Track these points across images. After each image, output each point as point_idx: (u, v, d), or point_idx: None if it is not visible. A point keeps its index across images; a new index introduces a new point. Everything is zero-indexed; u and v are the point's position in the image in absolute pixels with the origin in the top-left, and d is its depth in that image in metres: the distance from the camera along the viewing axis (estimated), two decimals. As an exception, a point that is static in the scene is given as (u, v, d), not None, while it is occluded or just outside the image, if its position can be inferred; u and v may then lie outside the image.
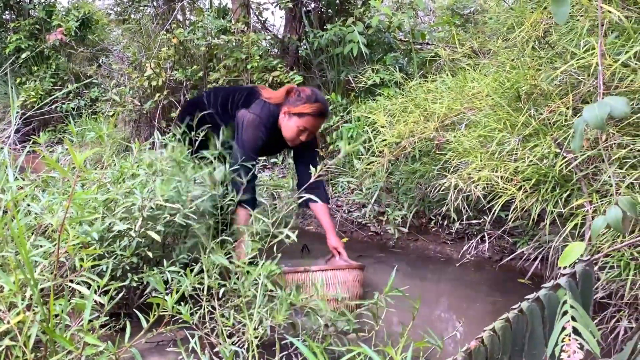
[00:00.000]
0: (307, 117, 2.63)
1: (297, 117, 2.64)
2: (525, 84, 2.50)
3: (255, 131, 2.66)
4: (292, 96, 2.69)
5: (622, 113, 0.94)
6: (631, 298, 1.77)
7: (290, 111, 2.66)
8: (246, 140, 2.65)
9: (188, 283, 1.85)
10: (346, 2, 5.19)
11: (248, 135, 2.66)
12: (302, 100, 2.65)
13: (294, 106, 2.65)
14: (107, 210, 2.12)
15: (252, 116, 2.69)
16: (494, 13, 3.77)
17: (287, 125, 2.69)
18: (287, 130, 2.69)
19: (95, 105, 6.34)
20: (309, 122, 2.65)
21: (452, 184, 2.49)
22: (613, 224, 1.15)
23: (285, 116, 2.69)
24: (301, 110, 2.63)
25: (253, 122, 2.68)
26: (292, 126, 2.66)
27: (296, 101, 2.66)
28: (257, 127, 2.66)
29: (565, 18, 1.02)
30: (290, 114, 2.66)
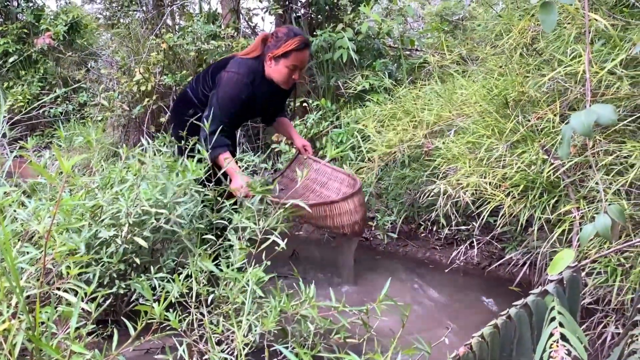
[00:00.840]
0: (293, 54, 2.58)
1: (284, 58, 2.59)
2: (513, 90, 2.52)
3: (233, 89, 2.58)
4: (271, 41, 2.63)
5: (608, 121, 0.95)
6: (618, 304, 1.78)
7: (275, 54, 2.60)
8: (221, 99, 2.57)
9: (176, 290, 1.84)
10: (336, 8, 5.20)
11: (225, 93, 2.58)
12: (282, 39, 2.59)
13: (276, 49, 2.59)
14: (94, 217, 2.10)
15: (229, 74, 2.61)
16: (483, 20, 3.81)
17: (276, 70, 2.63)
18: (278, 74, 2.63)
19: (83, 110, 6.30)
20: (297, 57, 2.60)
21: (441, 190, 2.50)
22: (602, 231, 1.16)
23: (271, 62, 2.63)
24: (285, 49, 2.57)
25: (230, 79, 2.60)
26: (282, 68, 2.61)
27: (277, 43, 2.60)
28: (235, 84, 2.59)
29: (553, 26, 1.03)
30: (275, 58, 2.61)
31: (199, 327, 1.92)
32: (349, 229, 2.61)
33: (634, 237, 1.85)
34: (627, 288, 1.73)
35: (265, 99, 2.73)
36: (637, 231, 1.86)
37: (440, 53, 4.10)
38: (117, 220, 2.09)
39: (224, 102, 2.57)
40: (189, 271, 1.97)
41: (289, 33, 2.60)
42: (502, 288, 2.79)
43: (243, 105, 2.62)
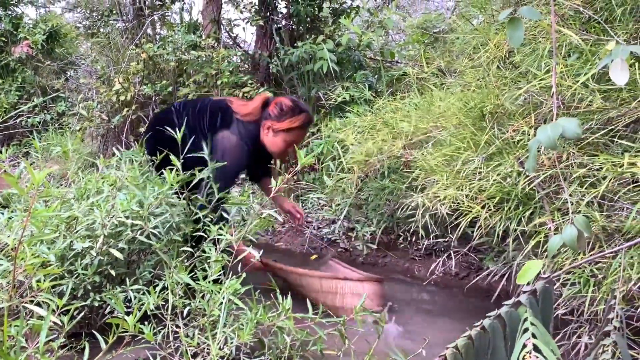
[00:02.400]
0: (295, 131, 2.50)
1: (285, 133, 2.49)
2: (490, 103, 2.55)
3: (239, 157, 2.49)
4: (273, 110, 2.51)
5: (573, 134, 0.97)
6: (591, 314, 1.80)
7: (276, 128, 2.50)
8: (230, 167, 2.43)
9: (151, 302, 1.82)
10: (317, 20, 5.24)
11: (232, 160, 2.46)
12: (287, 114, 2.49)
13: (278, 122, 2.49)
14: (69, 228, 2.07)
15: (235, 139, 2.50)
16: (462, 33, 3.86)
17: (273, 142, 2.53)
18: (274, 146, 2.54)
19: (61, 119, 6.23)
20: (298, 135, 2.52)
21: (420, 203, 2.51)
22: (569, 242, 1.18)
23: (269, 132, 2.52)
24: (289, 126, 2.48)
25: (237, 146, 2.49)
26: (279, 142, 2.52)
27: (280, 116, 2.49)
28: (241, 151, 2.50)
29: (520, 42, 1.05)
30: (275, 131, 2.50)
31: (175, 339, 1.90)
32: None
33: (607, 247, 1.88)
34: (599, 298, 1.75)
35: (255, 161, 2.67)
36: (610, 242, 1.89)
37: (420, 65, 4.14)
38: (93, 232, 2.07)
39: (231, 171, 2.47)
40: (165, 283, 1.95)
41: (295, 109, 2.50)
42: (481, 299, 2.81)
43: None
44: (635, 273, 1.64)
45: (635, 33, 2.30)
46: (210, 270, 1.96)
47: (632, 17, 2.40)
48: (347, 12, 5.20)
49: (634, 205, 1.82)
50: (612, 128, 2.05)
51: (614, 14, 2.35)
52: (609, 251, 1.46)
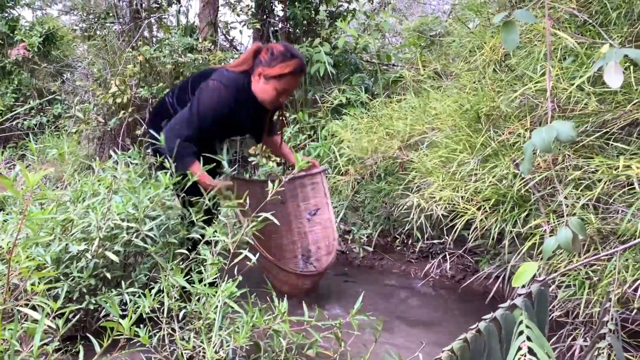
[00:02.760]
0: (287, 78, 2.38)
1: (275, 80, 2.38)
2: (485, 105, 2.56)
3: (215, 101, 2.36)
4: (265, 56, 2.40)
5: (568, 137, 0.97)
6: (586, 316, 1.80)
7: (267, 74, 2.38)
8: (201, 106, 2.35)
9: (147, 304, 1.82)
10: (313, 23, 5.24)
11: (205, 101, 2.36)
12: (277, 59, 2.37)
13: (269, 67, 2.37)
14: (64, 231, 2.07)
15: (214, 83, 2.39)
16: (457, 36, 3.87)
17: (264, 89, 2.41)
18: (265, 93, 2.41)
19: (58, 122, 6.22)
20: (289, 82, 2.40)
21: (415, 204, 2.51)
22: (563, 244, 1.18)
23: (260, 79, 2.41)
24: (280, 72, 2.36)
25: (215, 89, 2.37)
26: (270, 90, 2.40)
27: (271, 61, 2.37)
28: (219, 96, 2.37)
29: (515, 45, 1.05)
30: (266, 77, 2.39)
31: (170, 343, 1.89)
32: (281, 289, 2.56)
33: (602, 250, 1.88)
34: (594, 301, 1.76)
35: (249, 117, 2.54)
36: (605, 244, 1.90)
37: (416, 68, 4.15)
38: (88, 234, 2.06)
39: (202, 110, 2.35)
40: (160, 286, 1.94)
41: (286, 53, 2.39)
42: (476, 301, 2.81)
43: (222, 120, 2.42)
44: (630, 275, 1.64)
45: (630, 36, 2.31)
46: (206, 273, 1.95)
47: (627, 20, 2.41)
48: (344, 15, 5.20)
49: (629, 207, 1.83)
50: (607, 131, 2.05)
51: (609, 17, 2.36)
52: (604, 254, 1.47)
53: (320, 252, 2.84)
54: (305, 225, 2.93)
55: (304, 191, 2.90)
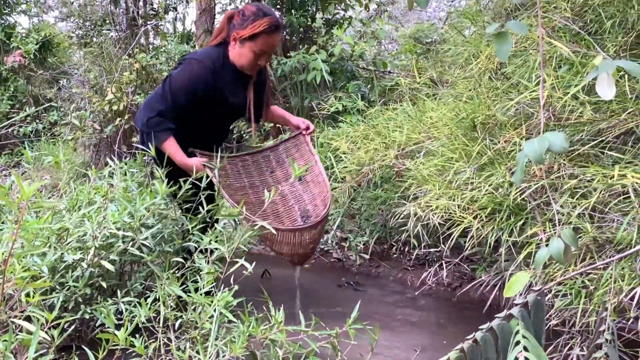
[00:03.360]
0: (261, 37, 2.29)
1: (250, 41, 2.29)
2: (481, 114, 2.57)
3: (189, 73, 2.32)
4: (236, 19, 2.33)
5: (560, 148, 0.98)
6: (583, 325, 1.81)
7: (240, 36, 2.29)
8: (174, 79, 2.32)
9: (142, 314, 1.81)
10: (310, 30, 5.26)
11: (179, 73, 2.33)
12: (249, 19, 2.29)
13: (242, 29, 2.29)
14: (60, 240, 2.06)
15: (188, 59, 2.37)
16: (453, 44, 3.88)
17: (240, 54, 2.33)
18: (242, 58, 2.33)
19: (54, 129, 6.21)
20: (265, 42, 2.30)
21: (412, 212, 2.52)
22: (555, 255, 1.18)
23: (235, 44, 2.33)
24: (252, 32, 2.27)
25: (189, 63, 2.34)
26: (247, 52, 2.31)
27: (243, 23, 2.30)
28: (194, 67, 2.32)
29: (507, 55, 1.06)
30: (241, 40, 2.30)
31: (166, 353, 1.88)
32: (287, 258, 2.52)
33: (598, 258, 1.89)
34: (591, 310, 1.76)
35: (231, 90, 2.43)
36: (600, 253, 1.90)
37: (412, 75, 4.16)
38: (84, 244, 2.06)
39: (174, 86, 2.32)
40: (156, 295, 1.94)
41: (258, 12, 2.30)
42: (473, 309, 2.81)
43: (200, 97, 2.35)
44: (626, 284, 1.65)
45: (625, 45, 2.32)
46: (201, 282, 1.95)
47: (621, 28, 2.43)
48: (340, 23, 5.22)
49: (624, 216, 1.84)
50: (603, 139, 2.06)
51: (604, 26, 2.38)
52: (600, 263, 1.47)
53: (318, 209, 2.77)
54: (298, 187, 2.88)
55: (289, 154, 2.84)
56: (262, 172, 2.81)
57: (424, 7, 0.98)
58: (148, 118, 2.31)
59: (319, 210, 2.75)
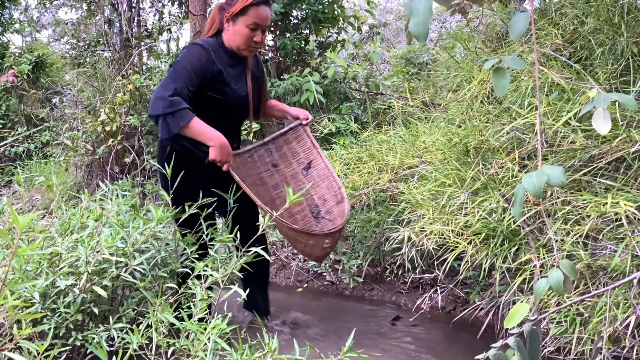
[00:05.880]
0: (251, 10, 2.32)
1: (242, 16, 2.33)
2: (474, 139, 2.59)
3: (190, 54, 2.31)
4: (226, 3, 2.39)
5: (558, 182, 0.99)
6: (578, 354, 1.80)
7: (231, 13, 2.34)
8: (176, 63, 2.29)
9: (134, 341, 1.79)
10: (303, 52, 5.30)
11: (180, 58, 2.31)
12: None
13: (231, 7, 2.35)
14: (51, 265, 2.04)
15: (186, 47, 2.40)
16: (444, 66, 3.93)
17: (235, 32, 2.36)
18: (238, 36, 2.36)
19: (46, 149, 6.19)
20: (256, 14, 2.33)
21: (406, 237, 2.52)
22: (554, 286, 1.18)
23: (229, 24, 2.37)
24: (241, 5, 2.32)
25: (187, 49, 2.36)
26: (241, 29, 2.34)
27: (231, 1, 2.36)
28: (194, 50, 2.33)
29: (505, 91, 1.07)
30: (232, 18, 2.35)
31: (159, 381, 1.86)
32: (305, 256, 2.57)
33: (592, 285, 1.89)
34: (586, 338, 1.76)
35: (231, 76, 2.44)
36: (594, 279, 1.91)
37: (404, 97, 4.20)
38: (76, 269, 2.04)
39: (183, 59, 2.30)
40: (149, 321, 1.91)
41: None
42: (467, 333, 2.80)
43: (204, 73, 2.32)
44: (621, 312, 1.65)
45: (615, 72, 2.36)
46: (195, 308, 1.93)
47: (611, 55, 2.47)
48: (333, 46, 5.28)
49: (617, 243, 1.85)
50: (594, 166, 2.08)
51: (594, 53, 2.42)
52: (594, 292, 1.47)
53: (328, 204, 2.73)
54: (305, 182, 2.81)
55: (290, 147, 2.78)
56: (267, 166, 2.76)
57: (422, 41, 0.99)
58: (167, 96, 2.19)
59: (330, 206, 2.70)
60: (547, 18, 2.87)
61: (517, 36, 1.02)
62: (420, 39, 1.01)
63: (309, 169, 2.74)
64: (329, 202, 2.74)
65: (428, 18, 1.02)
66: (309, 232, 2.47)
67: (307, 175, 2.79)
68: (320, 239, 2.42)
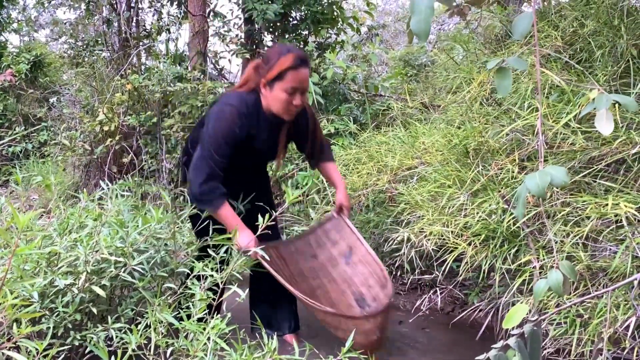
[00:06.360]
0: (288, 74, 2.18)
1: (279, 81, 2.19)
2: (474, 140, 2.59)
3: (225, 121, 2.22)
4: (262, 65, 2.26)
5: (561, 183, 0.98)
6: (578, 355, 1.80)
7: (268, 78, 2.22)
8: (212, 134, 2.21)
9: (133, 341, 1.78)
10: (302, 53, 5.30)
11: (215, 127, 2.22)
12: (273, 60, 2.21)
13: (268, 72, 2.21)
14: (49, 264, 2.03)
15: (220, 105, 2.28)
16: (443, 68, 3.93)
17: (273, 98, 2.23)
18: (276, 102, 2.23)
19: (43, 148, 6.18)
20: (294, 78, 2.19)
21: (405, 238, 2.52)
22: (554, 287, 1.18)
23: (266, 90, 2.25)
24: (279, 70, 2.18)
25: (222, 111, 2.24)
26: (279, 94, 2.21)
27: (268, 65, 2.22)
28: (229, 115, 2.23)
29: (508, 91, 1.07)
30: (269, 84, 2.22)
31: (157, 381, 1.85)
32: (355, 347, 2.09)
33: (591, 286, 1.89)
34: (586, 339, 1.76)
35: (265, 138, 2.36)
36: (594, 281, 1.91)
37: (403, 99, 4.20)
38: (75, 268, 2.03)
39: (215, 137, 2.21)
40: (147, 321, 1.91)
41: (281, 51, 2.23)
42: (467, 334, 2.80)
43: (239, 141, 2.25)
44: (621, 314, 1.65)
45: (614, 74, 2.36)
46: (194, 309, 1.92)
47: (611, 57, 2.47)
48: (332, 47, 5.28)
49: (617, 245, 1.85)
50: (594, 168, 2.08)
51: (594, 55, 2.42)
52: (594, 294, 1.47)
53: (373, 290, 2.57)
54: (347, 270, 2.67)
55: (330, 237, 2.68)
56: (306, 258, 2.65)
57: (424, 40, 0.99)
58: (200, 184, 2.21)
59: (375, 292, 2.54)
60: (546, 20, 2.88)
61: (520, 36, 1.02)
62: (421, 37, 1.01)
63: (350, 256, 2.62)
64: (373, 288, 2.58)
65: (429, 16, 1.02)
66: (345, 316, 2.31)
67: (350, 263, 2.65)
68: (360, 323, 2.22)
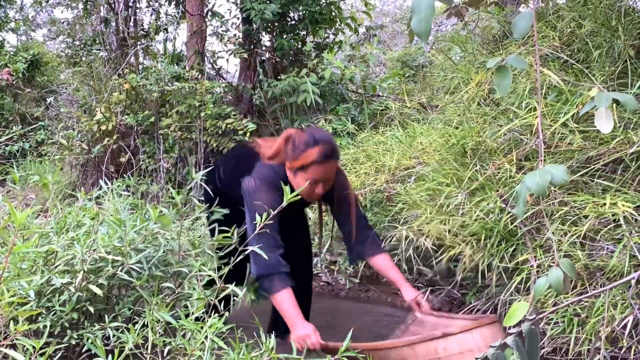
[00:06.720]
0: (312, 167, 2.17)
1: (302, 171, 2.19)
2: (471, 140, 2.59)
3: (266, 194, 2.20)
4: (289, 147, 2.24)
5: (561, 181, 0.99)
6: (575, 354, 1.81)
7: (292, 166, 2.22)
8: (258, 207, 2.15)
9: (130, 340, 1.78)
10: (300, 53, 5.30)
11: (256, 202, 2.20)
12: (299, 149, 2.19)
13: (293, 160, 2.21)
14: (47, 263, 2.02)
15: (256, 181, 2.25)
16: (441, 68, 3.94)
17: (297, 183, 2.22)
18: (298, 187, 2.18)
19: (40, 148, 6.16)
20: (317, 171, 2.18)
21: (403, 235, 2.52)
22: (554, 284, 1.19)
23: (290, 173, 2.26)
24: (303, 162, 2.17)
25: (259, 187, 2.23)
26: (301, 182, 2.19)
27: (294, 153, 2.21)
28: (267, 190, 2.22)
29: (508, 90, 1.07)
30: (294, 170, 2.23)
31: (155, 380, 1.85)
32: None
33: (589, 286, 1.90)
34: (583, 339, 1.76)
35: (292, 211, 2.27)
36: (591, 280, 1.91)
37: (401, 99, 4.20)
38: (72, 267, 2.02)
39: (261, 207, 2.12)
40: (145, 320, 1.90)
41: (309, 141, 2.18)
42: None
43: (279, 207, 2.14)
44: (619, 313, 1.66)
45: (612, 75, 2.37)
46: (192, 307, 1.92)
47: (608, 58, 2.48)
48: (330, 47, 5.28)
49: (614, 244, 1.85)
50: (592, 167, 2.09)
51: (591, 55, 2.43)
52: (592, 293, 1.47)
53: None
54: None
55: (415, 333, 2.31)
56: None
57: (425, 40, 0.99)
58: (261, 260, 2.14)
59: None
60: (544, 20, 2.88)
61: (521, 35, 1.02)
62: (422, 37, 1.01)
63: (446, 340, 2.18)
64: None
65: (430, 16, 1.02)
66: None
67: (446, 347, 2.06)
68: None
